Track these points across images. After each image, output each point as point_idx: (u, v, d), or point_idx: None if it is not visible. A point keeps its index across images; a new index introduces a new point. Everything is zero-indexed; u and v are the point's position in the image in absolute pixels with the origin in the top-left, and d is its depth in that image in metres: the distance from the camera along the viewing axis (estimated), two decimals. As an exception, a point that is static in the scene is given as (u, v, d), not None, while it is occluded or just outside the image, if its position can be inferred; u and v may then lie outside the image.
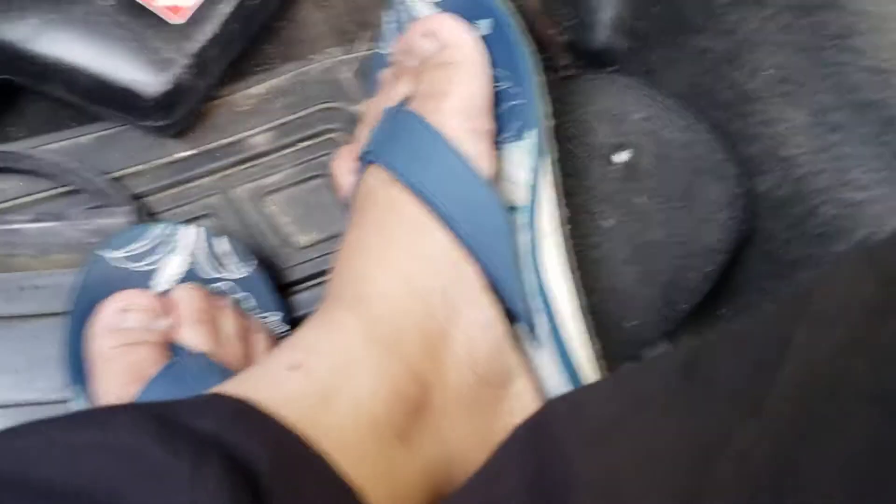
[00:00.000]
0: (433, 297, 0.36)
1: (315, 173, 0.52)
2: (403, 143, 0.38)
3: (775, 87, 0.46)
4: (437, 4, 0.43)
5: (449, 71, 0.39)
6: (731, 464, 0.23)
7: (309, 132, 0.52)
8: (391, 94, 0.41)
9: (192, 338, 0.40)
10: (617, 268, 0.46)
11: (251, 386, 0.31)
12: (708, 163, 0.47)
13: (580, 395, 0.32)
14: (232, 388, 0.31)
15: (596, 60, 0.57)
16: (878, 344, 0.22)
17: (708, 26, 0.49)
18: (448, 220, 0.36)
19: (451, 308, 0.36)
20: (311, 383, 0.31)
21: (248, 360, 0.40)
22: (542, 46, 0.56)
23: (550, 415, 0.31)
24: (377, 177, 0.39)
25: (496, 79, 0.40)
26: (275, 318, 0.45)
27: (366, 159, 0.39)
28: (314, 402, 0.31)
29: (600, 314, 0.46)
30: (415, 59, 0.41)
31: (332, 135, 0.53)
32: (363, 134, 0.42)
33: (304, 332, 0.35)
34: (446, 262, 0.36)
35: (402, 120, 0.39)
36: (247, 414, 0.29)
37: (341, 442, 0.30)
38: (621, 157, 0.47)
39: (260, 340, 0.43)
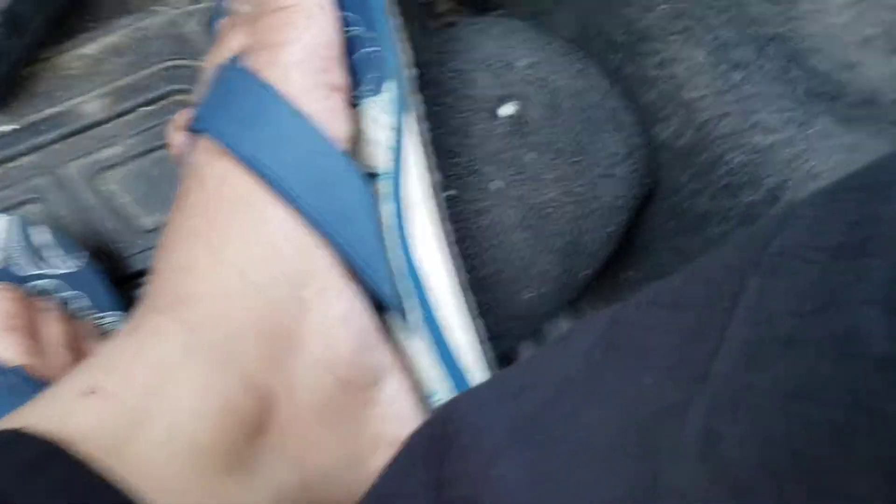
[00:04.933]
0: (276, 290, 0.30)
1: (159, 143, 0.45)
2: (234, 107, 0.32)
3: (670, 24, 0.42)
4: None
5: (285, 16, 0.32)
6: (681, 440, 0.19)
7: (151, 95, 0.45)
8: (224, 47, 0.35)
9: (3, 349, 0.33)
10: (509, 235, 0.40)
11: (38, 418, 0.24)
12: (602, 112, 0.42)
13: (485, 393, 0.27)
14: (18, 420, 0.24)
15: (478, 4, 0.52)
16: (845, 292, 0.17)
17: (595, -42, 0.44)
18: (290, 197, 0.30)
19: (299, 302, 0.30)
20: (110, 410, 0.25)
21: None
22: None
23: (451, 420, 0.26)
24: (205, 149, 0.32)
25: (346, 22, 0.34)
26: (113, 318, 0.38)
27: (193, 128, 0.33)
28: (116, 433, 0.24)
29: (492, 288, 0.41)
30: (249, 5, 0.35)
31: (179, 97, 0.46)
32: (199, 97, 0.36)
33: (108, 346, 0.29)
34: (291, 248, 0.30)
35: (232, 79, 0.33)
36: (44, 461, 0.23)
37: (154, 479, 0.24)
38: (507, 109, 0.42)
39: (95, 347, 0.36)
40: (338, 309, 0.30)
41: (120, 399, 0.25)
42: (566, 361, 0.25)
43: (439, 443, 0.26)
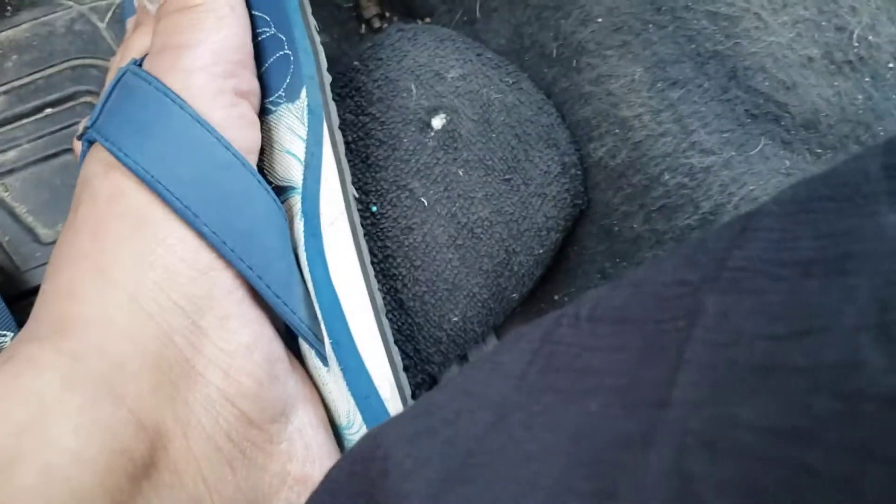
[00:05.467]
0: (170, 318, 0.27)
1: (63, 147, 0.41)
2: (130, 115, 0.29)
3: (608, 38, 0.40)
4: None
5: (192, 16, 0.30)
6: (646, 480, 0.16)
7: (55, 96, 0.42)
8: (128, 48, 0.32)
9: None
10: (437, 254, 0.38)
11: None
12: (536, 128, 0.40)
13: (413, 423, 0.24)
14: None
15: (409, 10, 0.49)
16: (828, 315, 0.15)
17: (531, -34, 0.42)
18: (188, 215, 0.27)
19: (197, 330, 0.27)
20: None
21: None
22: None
23: (375, 456, 0.23)
24: (98, 160, 0.29)
25: (256, 24, 0.31)
26: (5, 338, 0.35)
27: (86, 137, 0.30)
28: None
29: (416, 311, 0.38)
30: (155, 3, 0.32)
31: (86, 98, 0.42)
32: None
33: None
34: (189, 271, 0.27)
35: (130, 83, 0.30)
36: None
37: None
38: (437, 122, 0.40)
39: None
40: (241, 338, 0.28)
41: None
42: (499, 382, 0.22)
43: (362, 482, 0.23)
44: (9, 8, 0.43)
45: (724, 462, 0.15)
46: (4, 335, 0.35)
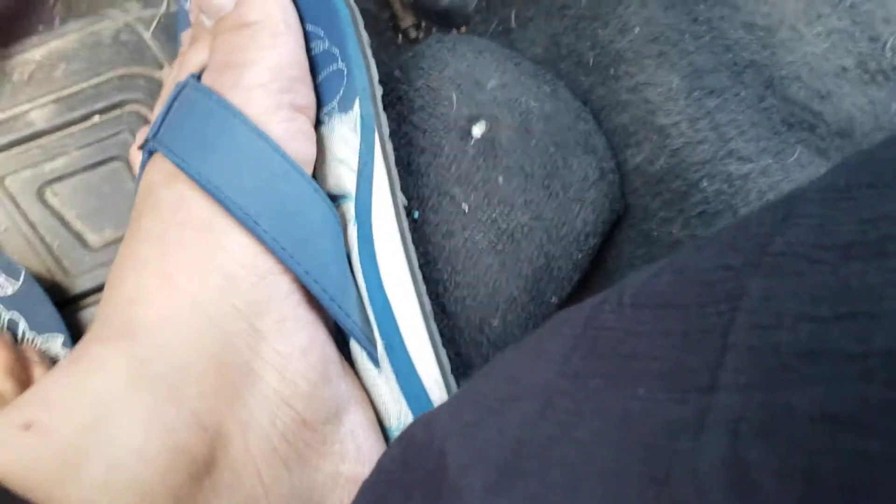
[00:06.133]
0: (231, 322, 0.28)
1: (110, 155, 0.42)
2: (193, 128, 0.30)
3: (645, 47, 0.41)
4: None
5: (250, 33, 0.30)
6: (699, 467, 0.17)
7: (102, 105, 0.43)
8: (185, 63, 0.33)
9: None
10: (478, 259, 0.39)
11: None
12: (574, 135, 0.41)
13: (463, 411, 0.24)
14: None
15: (444, 20, 0.50)
16: (873, 300, 0.16)
17: (568, -23, 0.43)
18: (249, 223, 0.28)
19: (255, 334, 0.28)
20: (47, 446, 0.23)
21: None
22: (383, 5, 0.48)
23: (430, 447, 0.23)
24: (160, 170, 0.30)
25: (310, 39, 0.32)
26: (56, 341, 0.36)
27: (147, 148, 0.31)
28: (52, 471, 0.22)
29: (457, 315, 0.39)
30: (211, 18, 0.33)
31: (133, 107, 0.43)
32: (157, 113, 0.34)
33: (47, 378, 0.26)
34: (249, 277, 0.28)
35: (192, 98, 0.31)
36: None
37: None
38: (477, 130, 0.40)
39: (40, 373, 0.34)
40: (297, 340, 0.29)
41: (58, 435, 0.23)
42: (543, 368, 0.23)
43: (418, 473, 0.24)
44: (57, 19, 0.44)
45: (780, 450, 0.16)
46: (56, 337, 0.36)
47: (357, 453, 0.30)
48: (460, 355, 0.39)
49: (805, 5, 0.39)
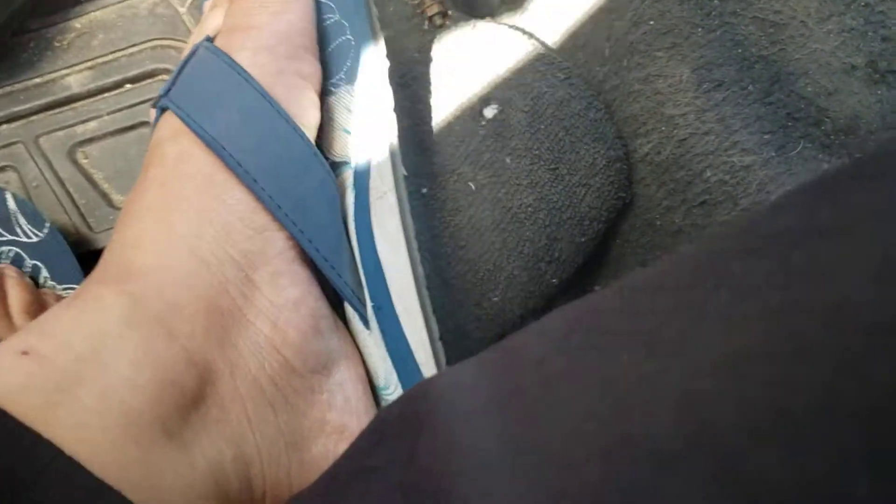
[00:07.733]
0: (226, 269, 0.29)
1: (140, 120, 0.44)
2: (200, 86, 0.31)
3: (658, 40, 0.42)
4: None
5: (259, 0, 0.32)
6: (655, 402, 0.18)
7: (135, 72, 0.45)
8: (203, 27, 0.35)
9: None
10: (481, 236, 0.40)
11: None
12: (583, 122, 0.42)
13: (461, 374, 0.25)
14: None
15: (470, 9, 0.52)
16: (834, 266, 0.17)
17: (588, -31, 0.44)
18: (248, 180, 0.30)
19: (250, 283, 0.30)
20: (42, 371, 0.25)
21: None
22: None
23: (426, 398, 0.24)
24: (169, 125, 0.32)
25: (322, 10, 0.34)
26: (72, 291, 0.38)
27: (159, 105, 0.33)
28: (46, 395, 0.24)
29: (459, 288, 0.40)
30: None
31: (164, 76, 0.45)
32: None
33: (50, 312, 0.28)
34: (245, 230, 0.30)
35: (202, 58, 0.32)
36: None
37: (84, 442, 0.23)
38: (490, 112, 0.42)
39: None
40: (289, 293, 0.30)
41: (52, 362, 0.25)
42: (544, 344, 0.24)
43: (411, 421, 0.25)
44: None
45: (721, 380, 0.17)
46: (75, 289, 0.38)
47: (345, 404, 0.31)
48: (459, 327, 0.40)
49: (818, 3, 0.40)
